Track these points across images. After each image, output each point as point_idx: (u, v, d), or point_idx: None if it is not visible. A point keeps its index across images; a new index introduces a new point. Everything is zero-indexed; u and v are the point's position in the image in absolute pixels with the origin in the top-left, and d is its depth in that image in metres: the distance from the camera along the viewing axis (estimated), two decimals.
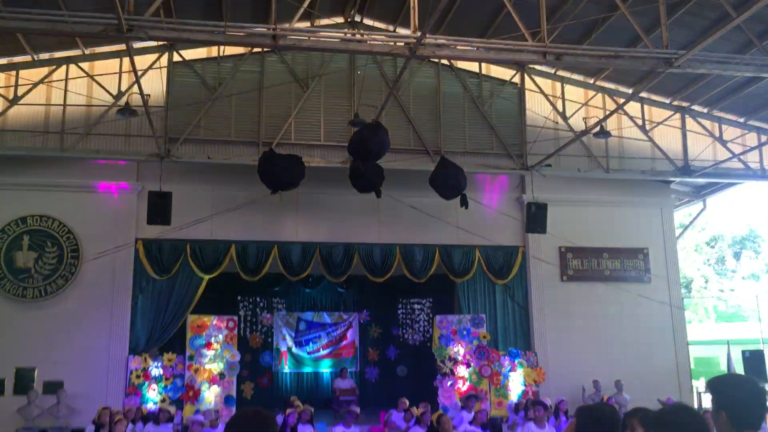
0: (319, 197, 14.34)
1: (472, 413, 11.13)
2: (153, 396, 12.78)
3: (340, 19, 14.46)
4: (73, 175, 13.49)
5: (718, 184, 16.61)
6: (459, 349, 14.05)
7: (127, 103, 12.50)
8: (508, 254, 15.13)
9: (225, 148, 13.56)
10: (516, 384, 14.04)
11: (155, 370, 13.11)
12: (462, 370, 13.93)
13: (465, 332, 14.17)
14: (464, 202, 12.50)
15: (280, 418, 9.96)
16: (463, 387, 13.67)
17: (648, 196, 15.96)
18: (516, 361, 14.22)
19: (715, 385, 3.19)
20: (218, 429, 10.47)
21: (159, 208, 12.31)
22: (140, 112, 12.15)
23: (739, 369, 15.53)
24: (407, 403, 11.95)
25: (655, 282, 15.47)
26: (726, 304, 30.08)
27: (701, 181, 16.11)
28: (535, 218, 13.65)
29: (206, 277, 13.87)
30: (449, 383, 13.82)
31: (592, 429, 3.40)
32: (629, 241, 15.67)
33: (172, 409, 11.81)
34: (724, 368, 16.75)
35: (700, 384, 17.10)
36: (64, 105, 13.05)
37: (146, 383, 12.99)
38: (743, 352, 15.77)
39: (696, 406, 15.19)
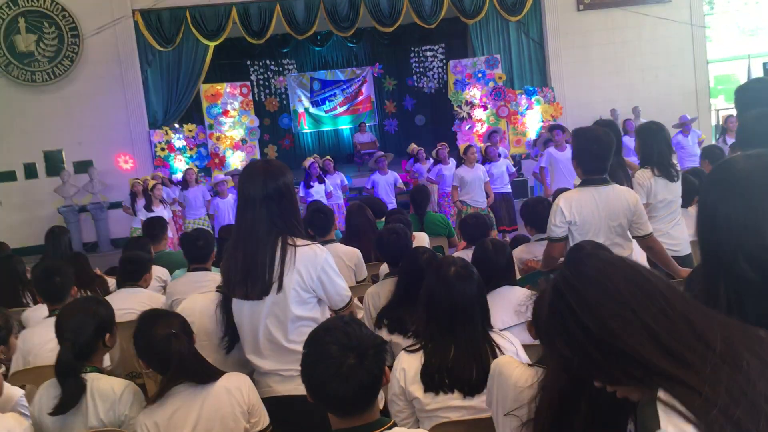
0: None
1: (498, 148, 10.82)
2: (180, 166, 13.14)
3: None
4: None
5: None
6: (475, 93, 13.94)
7: None
8: None
9: None
10: (534, 121, 14.11)
11: (178, 142, 13.38)
12: (479, 113, 13.96)
13: (480, 75, 13.96)
14: None
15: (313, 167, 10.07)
16: (481, 130, 13.78)
17: None
18: (533, 99, 14.16)
19: (739, 89, 3.19)
20: None
21: None
22: None
23: None
24: (414, 147, 11.89)
25: (675, 1, 14.76)
26: (749, 17, 28.90)
27: None
28: None
29: (212, 44, 13.55)
30: (467, 127, 13.94)
31: (588, 146, 3.64)
32: None
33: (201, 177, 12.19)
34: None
35: (719, 102, 17.04)
36: None
37: (171, 155, 13.33)
38: (764, 64, 15.38)
39: (714, 123, 15.30)
